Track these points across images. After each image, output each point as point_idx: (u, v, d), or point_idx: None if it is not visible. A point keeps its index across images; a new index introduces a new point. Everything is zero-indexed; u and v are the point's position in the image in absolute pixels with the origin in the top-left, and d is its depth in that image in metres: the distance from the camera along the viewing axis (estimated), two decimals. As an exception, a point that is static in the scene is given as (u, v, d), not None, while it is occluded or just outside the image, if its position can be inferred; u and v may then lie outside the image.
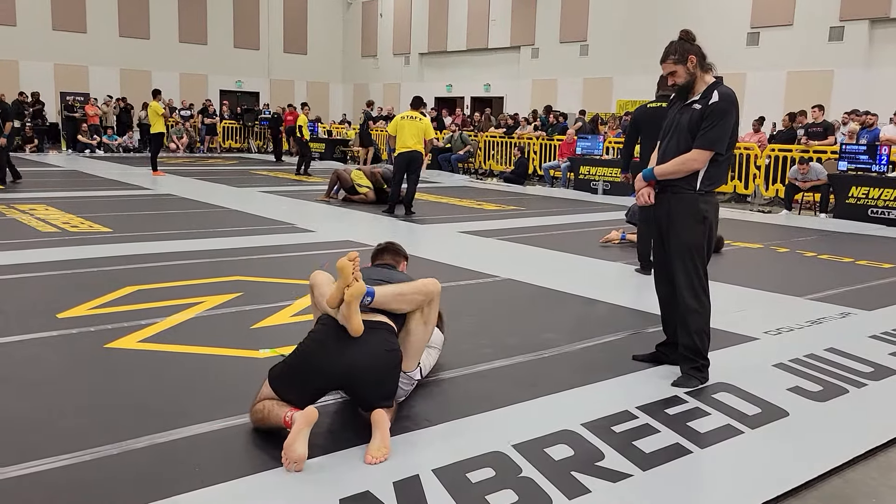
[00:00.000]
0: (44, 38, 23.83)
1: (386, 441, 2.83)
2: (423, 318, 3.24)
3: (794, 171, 11.92)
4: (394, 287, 3.19)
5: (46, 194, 11.06)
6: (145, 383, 3.54)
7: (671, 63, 3.71)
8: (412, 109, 10.26)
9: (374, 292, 3.07)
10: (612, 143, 15.24)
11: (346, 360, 2.94)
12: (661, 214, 3.82)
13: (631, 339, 4.52)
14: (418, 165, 10.11)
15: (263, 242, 7.54)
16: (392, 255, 3.78)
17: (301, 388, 2.95)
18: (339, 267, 2.94)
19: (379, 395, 3.00)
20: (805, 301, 5.65)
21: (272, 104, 26.20)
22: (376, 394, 2.99)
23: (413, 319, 3.24)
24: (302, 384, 2.95)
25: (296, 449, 2.64)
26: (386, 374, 3.04)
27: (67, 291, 5.25)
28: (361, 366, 2.95)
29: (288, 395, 2.93)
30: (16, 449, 2.77)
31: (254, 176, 15.63)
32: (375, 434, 2.84)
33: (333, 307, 3.01)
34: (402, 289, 3.19)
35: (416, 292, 3.19)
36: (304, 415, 2.74)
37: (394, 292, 3.15)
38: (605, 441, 3.00)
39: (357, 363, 2.94)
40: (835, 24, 16.50)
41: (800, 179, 11.77)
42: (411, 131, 9.94)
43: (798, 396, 3.61)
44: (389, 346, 3.06)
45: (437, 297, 3.29)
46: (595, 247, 7.96)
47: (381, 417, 2.89)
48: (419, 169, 10.18)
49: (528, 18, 22.93)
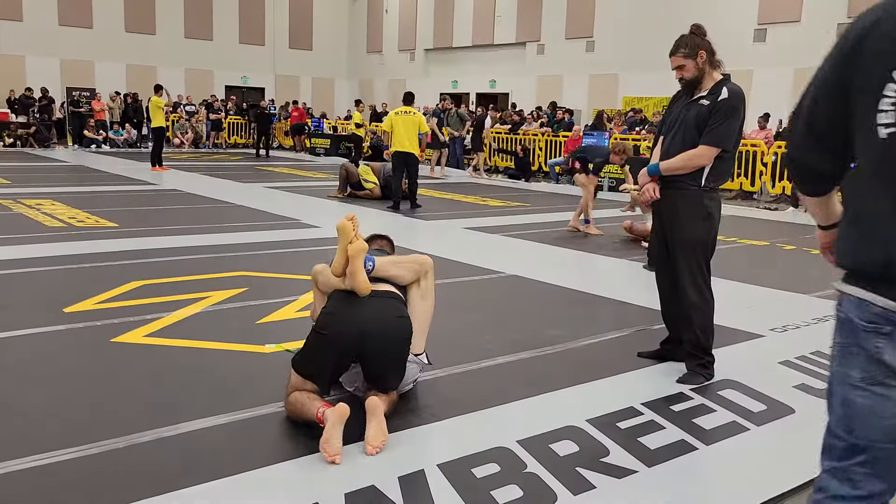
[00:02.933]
0: (50, 33, 23.87)
1: (382, 427, 2.85)
2: (420, 292, 3.34)
3: None
4: (392, 257, 3.39)
5: (53, 189, 11.08)
6: (151, 377, 3.55)
7: (681, 57, 3.68)
8: (405, 105, 10.56)
9: (374, 259, 3.22)
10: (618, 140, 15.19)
11: (358, 324, 3.01)
12: (664, 210, 3.80)
13: (636, 336, 4.51)
14: (415, 165, 10.39)
15: (269, 238, 7.55)
16: (386, 241, 3.89)
17: (321, 364, 3.03)
18: (339, 227, 3.08)
19: (391, 366, 3.08)
20: (811, 298, 5.64)
21: (277, 100, 26.22)
22: (389, 365, 3.07)
23: (412, 292, 3.35)
24: (322, 359, 3.03)
25: (333, 444, 2.72)
26: (398, 344, 3.11)
27: (74, 286, 5.26)
28: (374, 331, 3.01)
29: (311, 373, 3.02)
30: (23, 442, 2.78)
31: (259, 172, 15.64)
32: (371, 422, 2.86)
33: (339, 274, 3.11)
34: (400, 258, 3.41)
35: (412, 261, 3.38)
36: (336, 412, 2.78)
37: (392, 260, 3.36)
38: (610, 437, 3.00)
39: (369, 327, 3.01)
40: (842, 20, 16.40)
41: None
42: (406, 127, 10.18)
43: (804, 394, 3.60)
44: (399, 313, 3.17)
45: (432, 272, 3.43)
46: (600, 243, 7.95)
47: (374, 405, 2.90)
48: (416, 167, 10.46)
49: (534, 14, 22.88)
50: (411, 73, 27.40)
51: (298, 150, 22.31)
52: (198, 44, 26.70)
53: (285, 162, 18.67)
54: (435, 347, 3.85)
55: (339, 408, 2.80)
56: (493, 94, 24.35)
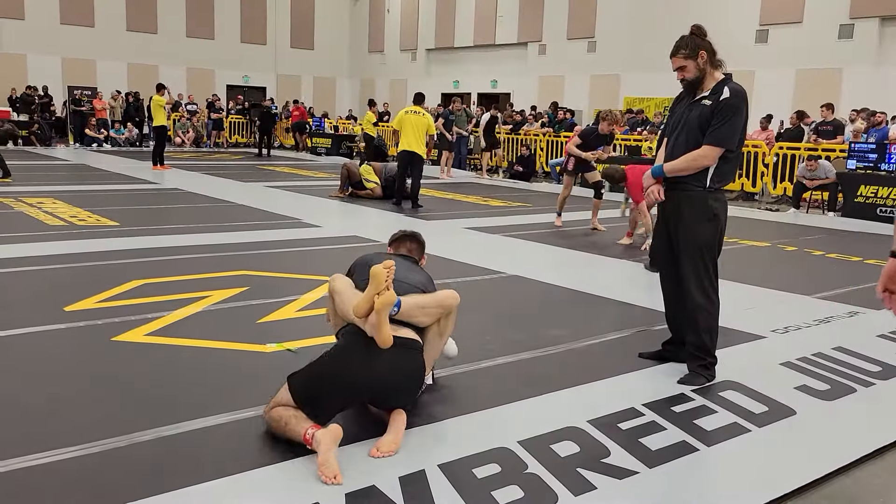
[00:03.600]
0: (52, 31, 23.89)
1: (398, 438, 2.83)
2: (439, 331, 3.19)
3: (802, 168, 11.87)
4: (417, 299, 3.11)
5: (54, 188, 11.09)
6: (152, 377, 3.55)
7: (681, 58, 3.68)
8: (415, 105, 10.63)
9: (401, 303, 2.98)
10: (620, 141, 15.19)
11: (375, 377, 2.87)
12: (669, 212, 3.80)
13: (637, 337, 4.50)
14: (419, 165, 10.44)
15: (270, 237, 7.54)
16: (416, 245, 3.63)
17: (324, 403, 2.84)
18: (374, 273, 2.84)
19: (399, 404, 3.01)
20: (813, 300, 5.63)
21: (279, 99, 26.22)
22: (397, 404, 3.00)
23: (430, 330, 3.18)
24: (327, 399, 2.84)
25: (331, 467, 2.57)
26: (411, 393, 3.06)
27: (74, 285, 5.26)
28: (390, 384, 2.91)
29: (309, 410, 2.80)
30: (23, 441, 2.78)
31: (260, 171, 15.64)
32: (390, 429, 2.84)
33: (361, 316, 2.90)
34: (425, 301, 3.13)
35: (438, 305, 3.14)
36: (329, 435, 2.65)
37: (417, 304, 3.08)
38: (611, 438, 3.00)
39: (387, 381, 2.89)
40: (844, 21, 16.40)
41: (808, 177, 11.72)
42: (414, 127, 10.28)
43: (805, 395, 3.60)
44: (417, 364, 3.01)
45: (455, 311, 3.23)
46: (601, 243, 7.95)
47: (399, 416, 2.88)
48: (421, 167, 10.50)
49: (536, 14, 22.87)
50: (413, 73, 27.40)
51: (300, 149, 22.31)
52: (199, 43, 26.71)
53: (286, 161, 18.67)
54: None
55: (333, 430, 2.66)
56: (495, 94, 24.34)
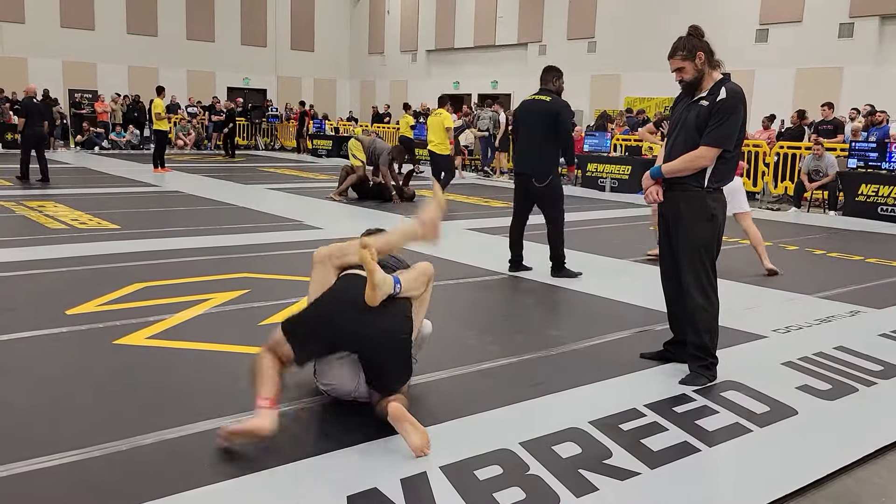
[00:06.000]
0: (52, 35, 23.94)
1: (419, 428, 2.81)
2: (419, 301, 3.27)
3: (808, 159, 11.82)
4: (407, 273, 3.23)
5: (55, 191, 11.10)
6: (153, 379, 3.55)
7: (679, 59, 3.69)
8: (438, 108, 11.56)
9: (400, 280, 3.09)
10: (620, 141, 15.20)
11: (362, 331, 2.97)
12: (668, 212, 3.80)
13: (638, 337, 4.50)
14: (439, 166, 11.26)
15: (271, 239, 7.55)
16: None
17: (311, 339, 3.01)
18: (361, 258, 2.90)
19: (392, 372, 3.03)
20: (814, 299, 5.63)
21: (279, 101, 26.24)
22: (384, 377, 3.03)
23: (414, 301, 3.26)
24: (315, 336, 3.01)
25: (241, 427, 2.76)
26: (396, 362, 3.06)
27: (76, 288, 5.27)
28: (376, 342, 2.99)
29: (293, 340, 2.99)
30: (25, 444, 2.78)
31: (261, 173, 15.65)
32: (405, 427, 2.79)
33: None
34: (414, 273, 3.25)
35: (422, 274, 3.28)
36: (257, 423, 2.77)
37: (411, 277, 3.20)
38: (612, 439, 3.00)
39: (372, 338, 2.98)
40: (844, 20, 16.41)
41: (812, 168, 11.66)
42: (432, 127, 11.27)
43: (807, 395, 3.60)
44: (405, 332, 3.08)
45: (432, 280, 3.36)
46: (602, 243, 7.94)
47: (401, 412, 2.82)
48: (443, 170, 11.27)
49: (536, 15, 22.88)
50: (413, 75, 27.41)
51: (301, 151, 22.32)
52: (200, 45, 26.75)
53: (287, 163, 18.68)
54: (436, 348, 3.85)
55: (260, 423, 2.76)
56: (495, 94, 24.34)
